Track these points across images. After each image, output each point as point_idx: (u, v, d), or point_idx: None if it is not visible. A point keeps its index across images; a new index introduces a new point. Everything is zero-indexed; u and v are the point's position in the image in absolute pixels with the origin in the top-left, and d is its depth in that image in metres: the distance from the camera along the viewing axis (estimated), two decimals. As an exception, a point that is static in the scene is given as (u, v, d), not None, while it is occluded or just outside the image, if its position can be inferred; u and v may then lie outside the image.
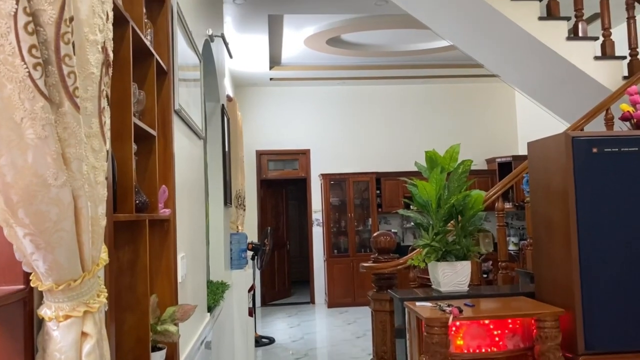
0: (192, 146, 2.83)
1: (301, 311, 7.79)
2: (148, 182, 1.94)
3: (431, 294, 2.84)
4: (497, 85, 8.78)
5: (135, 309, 1.72)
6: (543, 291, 2.58)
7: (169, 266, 2.12)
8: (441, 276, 2.78)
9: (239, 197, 6.16)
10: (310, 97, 8.52)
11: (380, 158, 8.46)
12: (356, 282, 7.95)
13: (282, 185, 9.08)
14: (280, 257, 8.87)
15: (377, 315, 3.99)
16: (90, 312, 0.91)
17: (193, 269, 2.67)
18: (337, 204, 8.26)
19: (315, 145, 8.48)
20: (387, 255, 4.06)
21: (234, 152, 5.92)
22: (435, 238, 2.76)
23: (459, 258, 2.78)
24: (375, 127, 8.56)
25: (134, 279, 1.73)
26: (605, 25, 4.20)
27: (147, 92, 1.96)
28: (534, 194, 2.66)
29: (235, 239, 5.25)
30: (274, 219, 8.71)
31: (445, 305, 2.44)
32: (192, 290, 2.63)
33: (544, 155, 2.54)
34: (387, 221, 8.46)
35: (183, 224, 2.44)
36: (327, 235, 8.11)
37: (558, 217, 2.40)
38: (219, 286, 3.91)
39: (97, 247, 0.92)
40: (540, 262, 2.62)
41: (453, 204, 2.75)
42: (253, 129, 8.28)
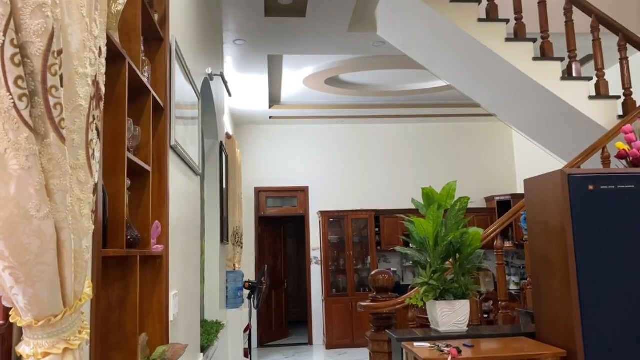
0: (188, 182, 2.83)
1: (299, 352, 7.60)
2: (141, 217, 1.92)
3: (430, 334, 2.77)
4: (495, 124, 8.88)
5: (124, 347, 1.67)
6: (544, 331, 2.52)
7: (160, 304, 2.08)
8: (440, 315, 2.72)
9: (236, 234, 6.12)
10: (309, 135, 8.60)
11: (379, 196, 8.46)
12: (355, 323, 7.80)
13: (280, 222, 9.03)
14: (278, 296, 8.73)
15: (375, 356, 3.89)
16: (71, 350, 0.88)
17: (186, 307, 2.62)
18: (335, 241, 8.20)
19: (314, 183, 8.49)
20: (385, 294, 3.99)
21: (232, 189, 5.92)
22: (433, 276, 2.72)
23: (458, 297, 2.73)
24: (374, 165, 8.60)
25: (123, 317, 1.69)
26: (599, 66, 4.28)
27: (142, 128, 1.96)
28: (531, 232, 2.64)
29: (232, 277, 5.18)
30: (272, 256, 8.62)
31: (444, 345, 2.38)
32: (185, 329, 2.57)
33: (540, 192, 2.54)
34: (386, 259, 8.37)
35: (176, 261, 2.40)
36: (326, 273, 8.01)
37: (556, 254, 2.37)
38: (214, 325, 3.83)
39: (80, 281, 0.90)
40: (540, 301, 2.57)
41: (451, 242, 2.72)
42: (252, 166, 8.31)
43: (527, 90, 4.37)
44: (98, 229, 1.36)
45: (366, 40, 5.25)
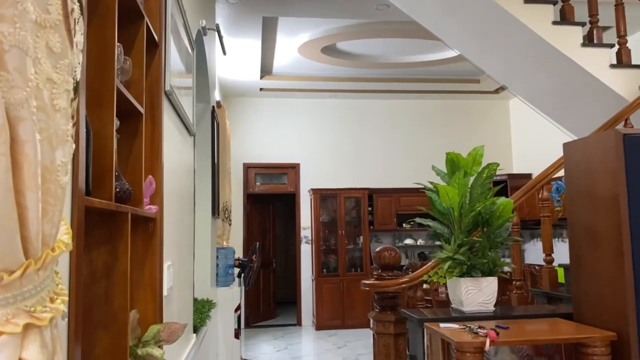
0: (182, 141, 2.48)
1: (287, 333, 7.34)
2: (132, 169, 1.58)
3: (451, 315, 2.49)
4: (492, 102, 8.62)
5: (111, 326, 1.34)
6: (584, 312, 2.25)
7: (153, 275, 1.75)
8: (464, 294, 2.44)
9: (225, 210, 5.78)
10: (302, 109, 8.23)
11: (373, 174, 8.17)
12: (346, 303, 7.55)
13: (269, 200, 8.70)
14: (266, 276, 8.44)
15: (379, 338, 3.62)
16: (37, 327, 0.55)
17: (180, 281, 2.29)
18: (327, 220, 7.91)
19: (305, 160, 8.15)
20: (391, 271, 3.71)
21: (222, 162, 5.56)
22: (459, 250, 2.43)
23: (485, 274, 2.45)
24: (368, 142, 8.28)
25: (110, 289, 1.36)
26: (621, 33, 4.01)
27: (134, 62, 1.61)
28: (572, 202, 2.36)
29: (222, 253, 4.85)
30: (260, 236, 8.29)
31: (476, 326, 2.10)
32: (179, 307, 2.24)
33: (585, 157, 2.25)
34: (378, 239, 8.12)
35: (171, 228, 2.07)
36: (317, 253, 7.73)
37: (605, 226, 2.10)
38: (205, 304, 3.51)
39: (52, 219, 0.56)
40: (580, 279, 2.30)
41: (479, 212, 2.43)
42: (241, 140, 7.93)
43: (544, 58, 4.08)
44: (78, 170, 1.02)
45: (370, 3, 4.89)
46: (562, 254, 3.58)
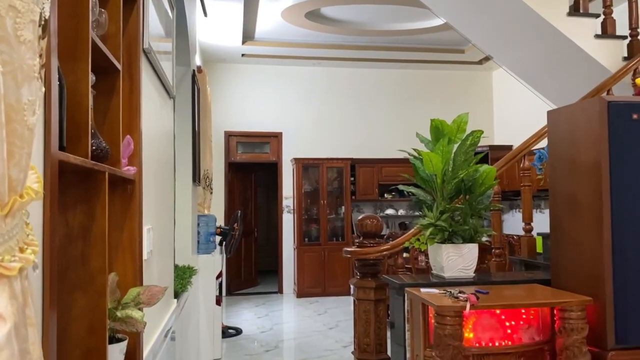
0: (162, 103, 2.41)
1: (269, 301, 7.41)
2: (109, 128, 1.52)
3: (431, 280, 2.52)
4: (475, 74, 8.60)
5: (88, 288, 1.31)
6: (562, 278, 2.30)
7: (132, 238, 1.71)
8: (445, 260, 2.46)
9: (206, 177, 5.71)
10: (284, 77, 8.10)
11: (356, 144, 8.14)
12: (327, 272, 7.63)
13: (251, 169, 8.63)
14: (248, 245, 8.44)
15: (360, 304, 3.66)
16: (6, 277, 0.52)
17: (160, 246, 2.26)
18: (309, 190, 7.90)
19: (287, 129, 8.07)
20: (372, 239, 3.73)
21: (203, 129, 5.46)
22: (441, 217, 2.44)
23: (466, 240, 2.47)
24: (351, 112, 8.23)
25: (88, 250, 1.32)
26: (607, 3, 3.99)
27: (110, 16, 1.53)
28: (554, 169, 2.37)
29: (204, 221, 4.81)
30: (241, 205, 8.26)
31: (457, 291, 2.12)
32: (159, 272, 2.22)
33: (569, 124, 2.25)
34: (360, 209, 8.16)
35: (150, 191, 2.02)
36: (298, 222, 7.74)
37: (586, 194, 2.12)
38: (186, 270, 3.49)
39: (19, 163, 0.52)
40: (559, 246, 2.34)
41: (462, 179, 2.43)
42: (222, 108, 7.79)
43: (531, 27, 4.05)
44: (50, 123, 0.97)
45: (356, -33, 4.76)
46: (539, 225, 3.63)
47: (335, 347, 4.99)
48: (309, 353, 4.82)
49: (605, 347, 2.01)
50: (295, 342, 5.31)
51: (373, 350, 3.57)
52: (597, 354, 2.04)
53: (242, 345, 5.13)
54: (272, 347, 5.06)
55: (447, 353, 1.93)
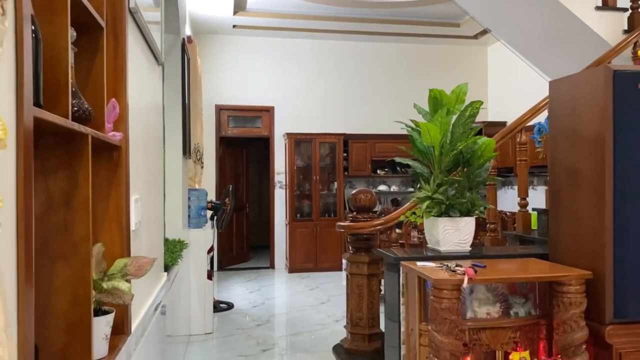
0: (150, 68, 2.30)
1: (261, 276, 7.40)
2: (92, 89, 1.43)
3: (426, 254, 2.48)
4: (470, 49, 8.49)
5: (71, 257, 1.24)
6: (560, 253, 2.26)
7: (119, 208, 1.63)
8: (441, 234, 2.41)
9: (197, 151, 5.62)
10: (277, 49, 7.93)
11: (349, 119, 8.05)
12: (319, 247, 7.61)
13: (242, 144, 8.52)
14: (239, 220, 8.39)
15: (353, 278, 3.64)
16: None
17: (149, 217, 2.18)
18: (301, 165, 7.82)
19: (280, 103, 7.95)
20: (366, 214, 3.69)
21: (194, 101, 5.35)
22: (438, 190, 2.38)
23: (463, 214, 2.42)
24: (344, 86, 8.10)
25: (70, 217, 1.24)
26: (609, -27, 3.90)
27: (91, -32, 1.42)
28: (554, 143, 2.31)
29: (194, 195, 4.74)
30: (233, 180, 8.17)
31: (454, 265, 2.08)
32: (148, 244, 2.15)
33: (571, 95, 2.18)
34: (352, 185, 8.10)
35: (138, 159, 1.93)
36: (290, 198, 7.69)
37: (588, 166, 2.06)
38: (177, 244, 3.43)
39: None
40: (558, 220, 2.29)
41: (461, 151, 2.37)
42: (213, 81, 7.64)
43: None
44: (23, 76, 0.88)
45: None
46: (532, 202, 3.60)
47: (327, 322, 4.99)
48: (300, 327, 4.82)
49: (603, 322, 1.99)
50: (287, 316, 5.30)
51: (366, 325, 3.56)
52: (594, 327, 2.01)
53: (233, 319, 5.12)
54: (264, 321, 5.05)
55: (444, 327, 1.89)
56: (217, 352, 4.14)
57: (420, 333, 2.12)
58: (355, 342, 3.55)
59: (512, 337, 2.12)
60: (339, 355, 3.52)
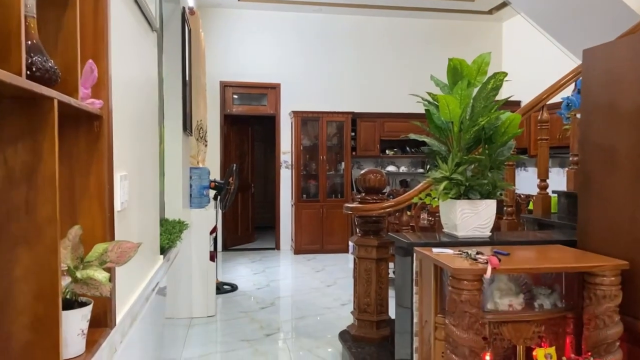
0: (140, 32, 2.09)
1: (265, 257, 7.26)
2: (63, 48, 1.22)
3: (441, 239, 2.28)
4: (484, 24, 8.16)
5: (35, 242, 1.06)
6: (591, 240, 2.06)
7: (100, 185, 1.45)
8: (459, 217, 2.21)
9: (200, 128, 5.41)
10: (284, 24, 7.66)
11: (358, 97, 7.80)
12: (325, 229, 7.45)
13: (248, 122, 8.31)
14: (244, 200, 8.23)
15: (360, 263, 3.46)
16: None
17: (140, 196, 2.00)
18: (308, 145, 7.61)
19: (286, 80, 7.70)
20: (375, 195, 3.49)
21: (196, 77, 5.12)
22: (457, 170, 2.17)
23: (483, 196, 2.22)
24: (353, 62, 7.83)
25: (33, 195, 1.06)
26: (641, -62, 3.59)
27: None
28: (587, 117, 2.09)
29: (196, 173, 4.56)
30: (238, 159, 7.99)
31: (474, 252, 1.88)
32: (139, 226, 1.97)
33: (608, 64, 1.95)
34: (360, 166, 7.90)
35: (124, 132, 1.74)
36: (297, 178, 7.49)
37: (627, 144, 1.85)
38: (176, 225, 3.26)
39: None
40: (589, 204, 2.08)
41: (482, 127, 2.15)
42: (217, 56, 7.39)
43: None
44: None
45: None
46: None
47: (333, 305, 4.84)
48: (305, 311, 4.67)
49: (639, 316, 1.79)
50: (292, 299, 5.16)
51: (374, 311, 3.39)
52: (629, 323, 1.82)
53: (237, 301, 4.98)
54: (268, 304, 4.91)
55: (463, 321, 1.71)
56: (219, 336, 4.01)
57: (436, 326, 1.94)
58: (362, 329, 3.39)
59: (537, 331, 1.93)
60: (346, 342, 3.36)
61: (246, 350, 3.66)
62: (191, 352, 3.61)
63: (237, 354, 3.59)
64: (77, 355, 1.24)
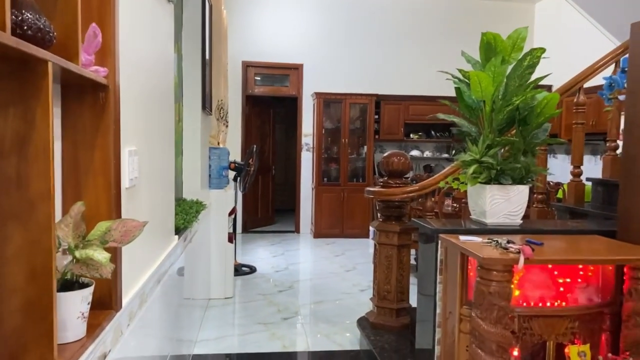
0: (155, 1, 1.99)
1: (285, 240, 7.20)
2: (62, 8, 1.12)
3: (467, 227, 2.15)
4: (515, 5, 7.84)
5: (27, 219, 0.97)
6: (633, 230, 1.90)
7: (105, 160, 1.36)
8: (489, 203, 2.07)
9: (220, 108, 5.33)
10: (307, 3, 7.48)
11: (382, 79, 7.60)
12: (345, 213, 7.34)
13: (269, 104, 8.20)
14: (265, 182, 8.17)
15: (381, 249, 3.35)
16: None
17: (152, 173, 1.91)
18: (330, 127, 7.47)
19: (309, 60, 7.54)
20: (399, 179, 3.36)
21: (217, 56, 5.03)
22: (488, 152, 2.03)
23: (515, 181, 2.07)
24: (378, 43, 7.62)
25: (25, 168, 0.97)
26: None
27: None
28: (633, 98, 1.91)
29: (215, 154, 4.48)
30: (259, 141, 7.90)
31: (505, 241, 1.75)
32: (150, 204, 1.88)
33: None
34: (383, 150, 7.74)
35: (135, 104, 1.65)
36: (318, 161, 7.38)
37: (679, 126, 1.67)
38: (193, 205, 3.19)
39: None
40: (632, 192, 1.92)
41: (517, 107, 2.00)
42: (239, 36, 7.27)
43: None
44: None
45: None
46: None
47: (352, 291, 4.75)
48: (324, 295, 4.60)
49: (686, 316, 1.64)
50: (310, 282, 5.09)
51: (394, 299, 3.29)
52: (674, 323, 1.67)
53: (255, 284, 4.93)
54: (287, 287, 4.85)
55: (491, 314, 1.59)
56: (236, 318, 3.96)
57: (461, 318, 1.82)
58: (381, 317, 3.29)
59: (570, 327, 1.80)
60: (364, 330, 3.27)
61: (263, 333, 3.60)
62: (207, 333, 3.57)
63: (253, 337, 3.54)
64: (77, 339, 1.17)
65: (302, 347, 3.40)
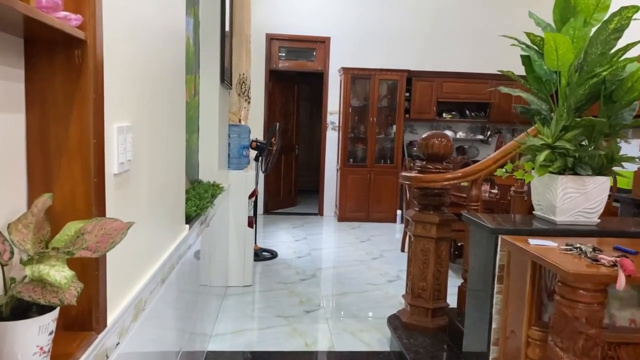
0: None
1: (308, 223, 6.90)
2: None
3: (532, 225, 1.79)
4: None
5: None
6: None
7: (84, 140, 1.04)
8: (560, 198, 1.70)
9: (242, 83, 4.99)
10: (336, -28, 7.03)
11: (414, 54, 7.14)
12: (372, 196, 6.98)
13: (294, 80, 7.82)
14: (288, 162, 7.85)
15: (417, 241, 3.00)
16: None
17: (154, 156, 1.59)
18: (357, 105, 7.08)
19: (336, 34, 7.12)
20: (439, 164, 2.99)
21: (239, 26, 4.67)
22: (563, 136, 1.65)
23: (595, 171, 1.69)
24: (410, 16, 7.14)
25: None
26: None
27: None
28: None
29: (235, 132, 4.16)
30: (282, 118, 7.57)
31: (590, 248, 1.38)
32: (150, 193, 1.57)
33: None
34: (413, 130, 7.33)
35: (129, 70, 1.32)
36: (344, 141, 7.01)
37: None
38: (209, 188, 2.88)
39: None
40: None
41: (603, 80, 1.60)
42: (263, 6, 6.88)
43: None
44: None
45: None
46: None
47: (380, 282, 4.43)
48: (349, 286, 4.29)
49: None
50: (334, 271, 4.79)
51: (430, 297, 2.95)
52: None
53: (276, 270, 4.66)
54: (309, 275, 4.55)
55: (577, 343, 1.24)
56: (255, 310, 3.69)
57: (529, 341, 1.47)
58: (415, 317, 2.97)
59: (668, 357, 1.43)
60: (395, 330, 2.95)
61: (283, 328, 3.32)
62: (224, 326, 3.31)
63: (273, 331, 3.26)
64: (34, 382, 0.86)
65: (326, 345, 3.11)
